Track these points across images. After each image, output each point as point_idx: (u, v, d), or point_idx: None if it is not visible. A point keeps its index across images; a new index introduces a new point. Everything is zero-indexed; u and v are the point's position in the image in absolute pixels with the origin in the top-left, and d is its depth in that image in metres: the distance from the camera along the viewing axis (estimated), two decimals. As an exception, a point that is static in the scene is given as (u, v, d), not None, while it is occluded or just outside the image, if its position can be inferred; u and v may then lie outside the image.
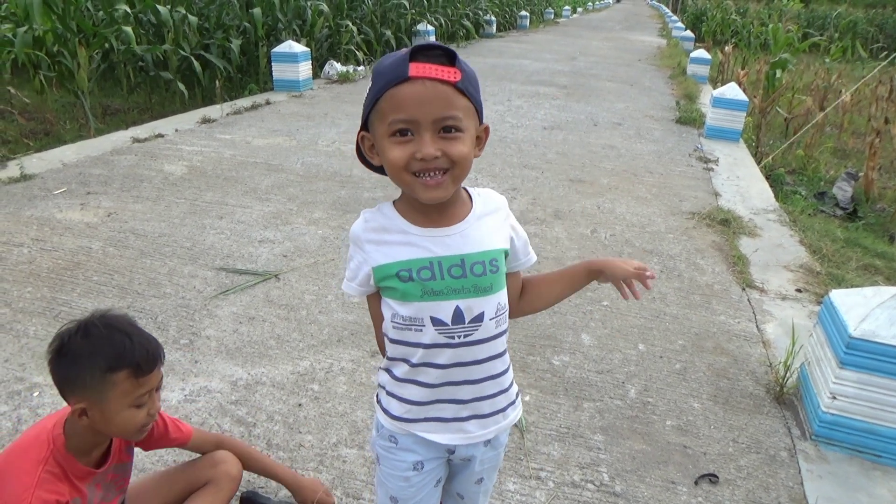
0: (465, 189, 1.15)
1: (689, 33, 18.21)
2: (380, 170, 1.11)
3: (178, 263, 3.21)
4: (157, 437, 1.52)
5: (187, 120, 6.10)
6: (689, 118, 7.44)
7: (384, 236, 1.10)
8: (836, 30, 20.39)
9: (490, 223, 1.13)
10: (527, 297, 1.28)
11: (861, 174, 6.41)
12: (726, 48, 12.96)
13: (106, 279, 3.01)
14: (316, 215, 3.92)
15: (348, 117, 6.60)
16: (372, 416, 2.20)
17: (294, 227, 3.74)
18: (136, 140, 5.27)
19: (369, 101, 1.04)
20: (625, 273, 1.22)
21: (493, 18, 17.69)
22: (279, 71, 7.72)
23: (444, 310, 1.08)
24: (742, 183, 5.27)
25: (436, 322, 1.09)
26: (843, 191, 6.14)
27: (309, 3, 9.14)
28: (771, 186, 5.45)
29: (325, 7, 9.24)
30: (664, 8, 41.50)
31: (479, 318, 1.10)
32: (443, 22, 13.79)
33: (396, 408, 1.18)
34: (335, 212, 4.00)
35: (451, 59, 1.00)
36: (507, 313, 1.17)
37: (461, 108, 1.01)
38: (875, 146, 6.30)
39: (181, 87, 7.14)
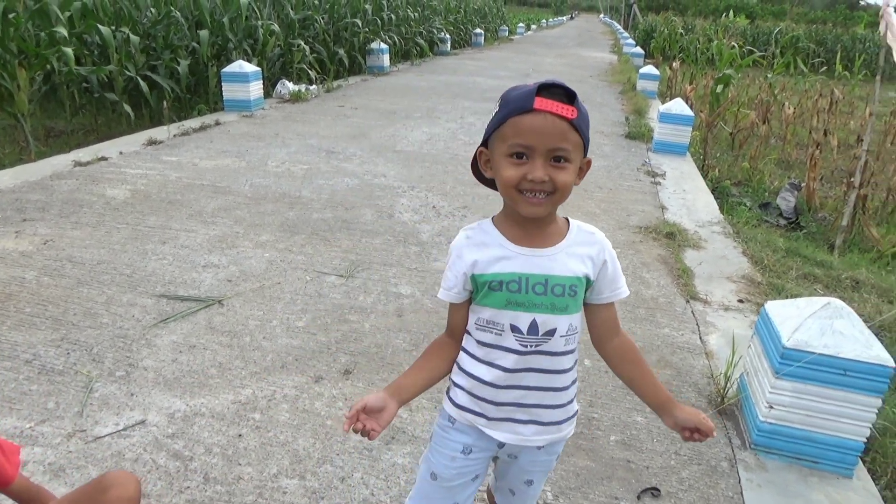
0: (566, 219, 1.29)
1: (639, 49, 18.69)
2: (488, 183, 1.29)
3: (116, 292, 3.11)
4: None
5: (132, 142, 5.97)
6: (638, 133, 7.60)
7: (483, 250, 1.24)
8: (778, 45, 21.15)
9: (579, 253, 1.25)
10: (614, 357, 1.36)
11: (804, 184, 6.63)
12: (674, 64, 13.31)
13: (39, 310, 2.91)
14: (263, 238, 3.87)
15: (300, 137, 6.55)
16: (314, 444, 2.18)
17: (240, 250, 3.67)
18: (78, 164, 5.13)
19: (494, 123, 1.18)
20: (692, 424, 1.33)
21: (448, 36, 17.87)
22: (229, 91, 7.64)
23: (523, 320, 1.23)
24: (688, 196, 5.39)
25: (514, 329, 1.24)
26: (786, 201, 6.34)
27: (260, 23, 9.08)
28: (717, 199, 5.58)
29: (276, 27, 9.19)
30: (616, 25, 42.54)
31: (550, 333, 1.24)
32: (397, 40, 13.85)
33: (462, 398, 1.32)
34: (283, 234, 3.95)
35: (570, 98, 1.12)
36: (577, 335, 1.29)
37: (572, 142, 1.14)
38: (815, 157, 6.53)
39: (127, 108, 7.00)
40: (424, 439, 2.22)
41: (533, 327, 1.23)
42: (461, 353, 1.34)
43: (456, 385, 1.34)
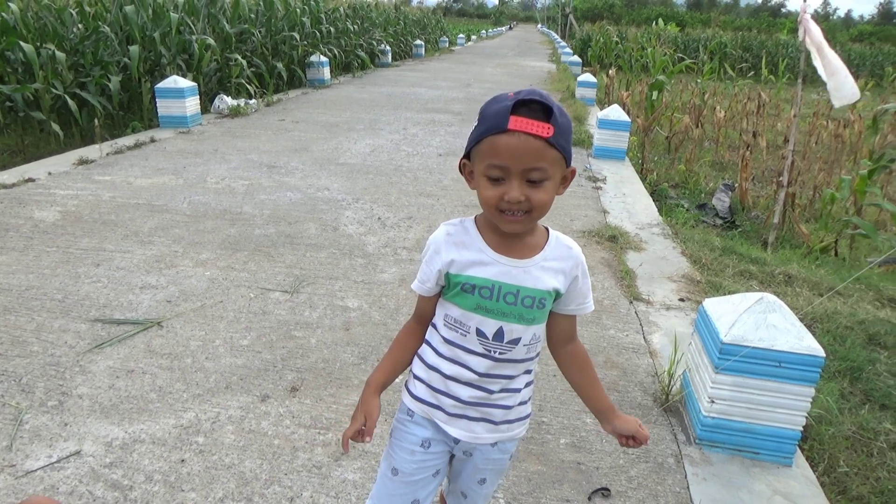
0: (546, 228, 1.29)
1: (576, 58, 19.13)
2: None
3: (47, 318, 2.97)
4: None
5: (62, 162, 5.74)
6: (579, 139, 7.75)
7: (462, 250, 1.25)
8: (707, 52, 21.98)
9: (554, 267, 1.26)
10: (565, 362, 1.40)
11: (737, 185, 6.88)
12: (610, 71, 13.66)
13: (-38, 341, 2.75)
14: (203, 256, 3.76)
15: (240, 152, 6.43)
16: (261, 465, 2.12)
17: (179, 269, 3.56)
18: (3, 186, 4.90)
19: (473, 138, 1.18)
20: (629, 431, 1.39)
21: (388, 48, 17.88)
22: (164, 107, 7.44)
23: (489, 326, 1.25)
24: (628, 200, 5.53)
25: (479, 333, 1.26)
26: (721, 201, 6.57)
27: (194, 37, 8.89)
28: (656, 201, 5.74)
29: (211, 41, 9.01)
30: (554, 34, 43.45)
31: (514, 342, 1.27)
32: (337, 53, 13.78)
33: (421, 390, 1.34)
34: (224, 252, 3.85)
35: (547, 114, 1.10)
36: (539, 343, 1.32)
37: (549, 159, 1.13)
38: (746, 158, 6.80)
39: (55, 127, 6.73)
40: (376, 454, 2.19)
41: (499, 334, 1.25)
42: (424, 345, 1.35)
43: (416, 377, 1.36)
